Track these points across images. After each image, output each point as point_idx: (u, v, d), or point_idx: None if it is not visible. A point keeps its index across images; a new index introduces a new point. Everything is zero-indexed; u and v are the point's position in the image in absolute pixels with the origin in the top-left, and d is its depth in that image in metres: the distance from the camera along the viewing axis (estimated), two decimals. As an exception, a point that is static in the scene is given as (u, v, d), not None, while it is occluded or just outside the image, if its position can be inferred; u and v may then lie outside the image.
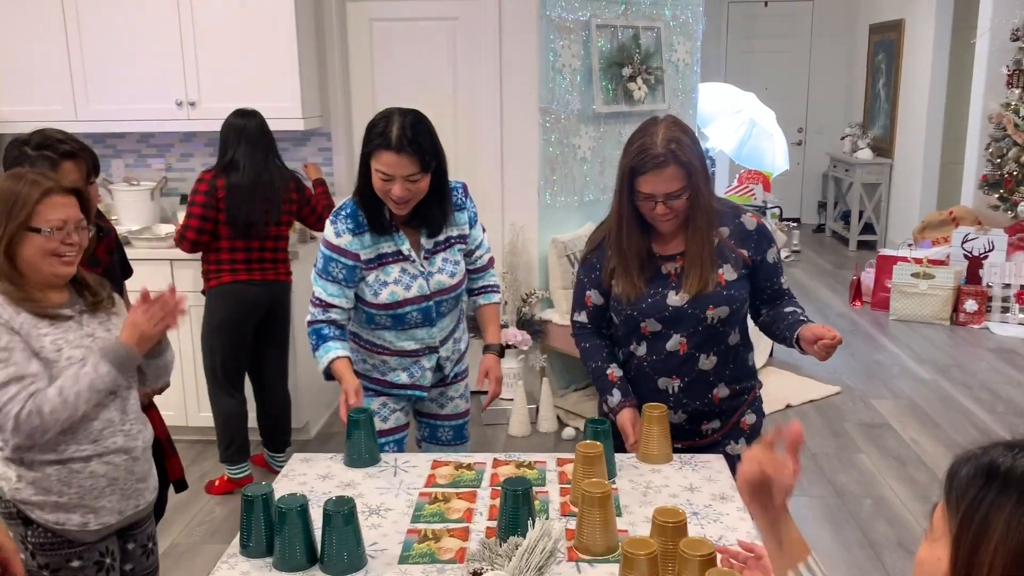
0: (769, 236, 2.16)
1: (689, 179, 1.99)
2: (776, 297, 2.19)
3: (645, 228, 2.10)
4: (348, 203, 2.27)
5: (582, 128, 4.56)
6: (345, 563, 1.60)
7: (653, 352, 2.13)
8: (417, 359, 2.36)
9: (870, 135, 8.78)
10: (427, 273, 2.29)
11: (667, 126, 2.01)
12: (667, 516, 1.54)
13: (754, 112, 5.63)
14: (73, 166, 2.22)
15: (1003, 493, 0.79)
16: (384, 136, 2.12)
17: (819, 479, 3.74)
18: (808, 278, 7.55)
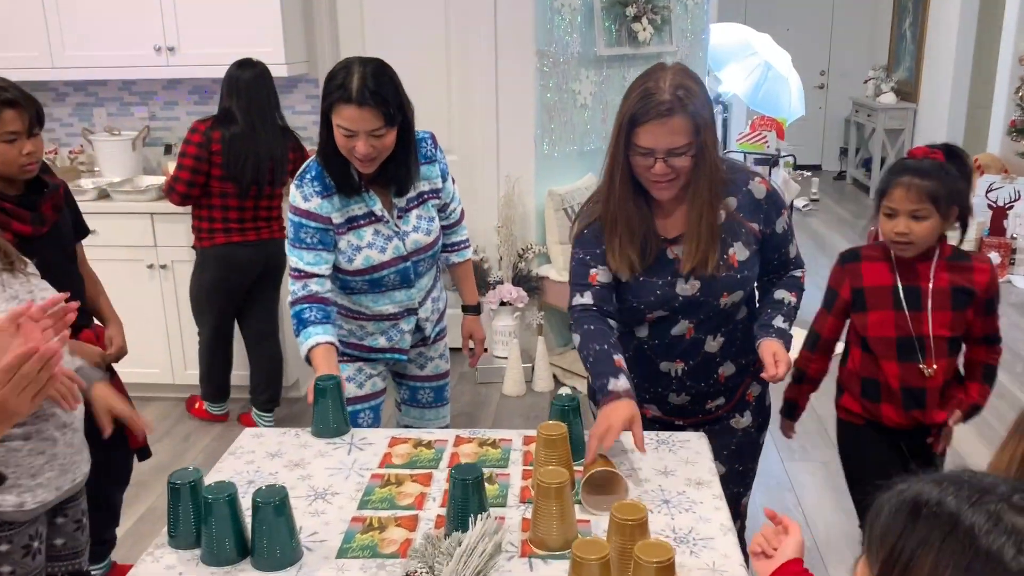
0: (779, 203, 1.94)
1: (696, 134, 1.74)
2: (780, 267, 1.99)
3: (640, 197, 1.84)
4: (312, 164, 2.11)
5: (582, 72, 4.32)
6: (277, 557, 1.47)
7: (656, 336, 1.94)
8: (396, 322, 2.24)
9: (894, 78, 8.42)
10: (402, 233, 2.14)
11: (675, 72, 1.76)
12: (626, 513, 1.38)
13: (769, 54, 5.34)
14: (15, 115, 2.08)
15: (930, 530, 0.68)
16: (344, 88, 1.94)
17: (823, 442, 3.59)
18: (825, 228, 7.30)
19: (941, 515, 0.69)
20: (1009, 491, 0.69)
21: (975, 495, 0.69)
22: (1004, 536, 0.66)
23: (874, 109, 8.24)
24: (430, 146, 2.21)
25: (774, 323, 1.92)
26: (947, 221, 2.00)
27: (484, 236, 4.35)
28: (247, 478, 1.76)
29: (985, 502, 0.68)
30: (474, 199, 4.36)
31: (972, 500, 0.69)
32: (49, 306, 1.45)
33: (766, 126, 5.03)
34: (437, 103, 4.24)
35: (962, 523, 0.68)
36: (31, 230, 2.13)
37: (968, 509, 0.68)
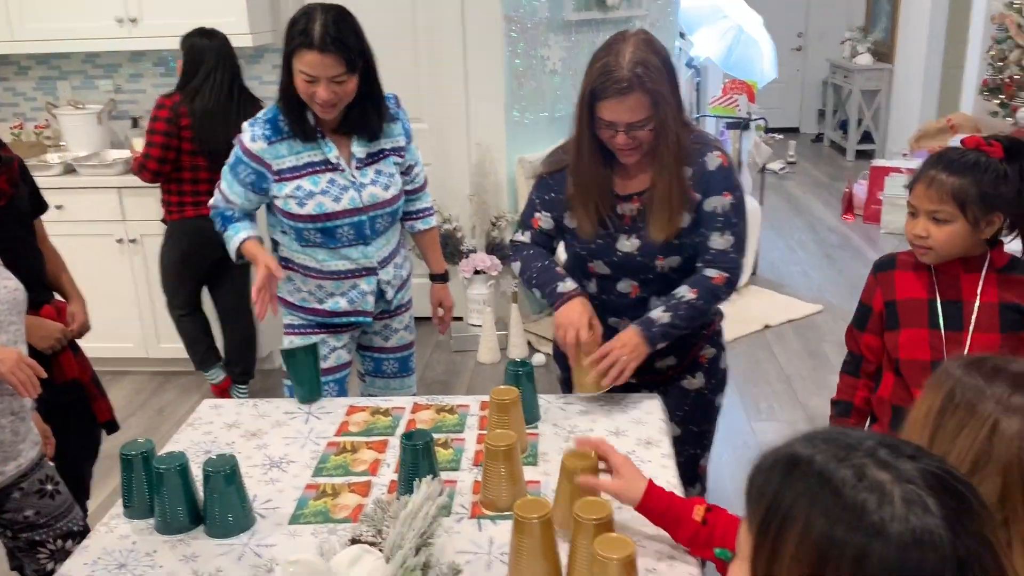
0: (726, 182, 1.87)
1: (655, 108, 1.77)
2: (699, 252, 1.89)
3: (607, 158, 1.89)
4: (271, 108, 2.13)
5: (551, 37, 4.30)
6: (230, 524, 1.49)
7: (604, 291, 1.99)
8: (355, 282, 2.23)
9: (870, 39, 8.39)
10: (358, 184, 2.14)
11: (636, 45, 1.77)
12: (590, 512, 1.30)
13: (741, 17, 5.32)
14: None
15: (804, 486, 0.71)
16: (306, 34, 1.95)
17: (791, 402, 3.64)
18: (801, 191, 7.33)
19: (812, 471, 0.71)
20: (874, 446, 0.72)
21: (843, 452, 0.72)
22: (867, 490, 0.69)
23: (850, 71, 8.23)
24: (393, 105, 2.22)
25: (651, 312, 1.87)
26: (979, 229, 1.68)
27: (457, 205, 4.35)
28: (204, 448, 1.78)
29: (851, 458, 0.71)
30: (445, 168, 4.36)
31: (840, 456, 0.72)
32: None
33: (737, 89, 5.03)
34: (405, 71, 4.21)
35: (831, 478, 0.70)
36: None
37: (836, 465, 0.71)
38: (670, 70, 1.82)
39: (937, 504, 0.68)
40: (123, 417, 3.49)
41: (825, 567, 0.68)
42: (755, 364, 3.99)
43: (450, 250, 4.25)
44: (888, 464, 0.71)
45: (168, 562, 1.43)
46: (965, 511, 0.69)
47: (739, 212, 1.89)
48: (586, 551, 1.27)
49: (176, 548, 1.47)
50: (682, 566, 1.37)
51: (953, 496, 0.69)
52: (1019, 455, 0.95)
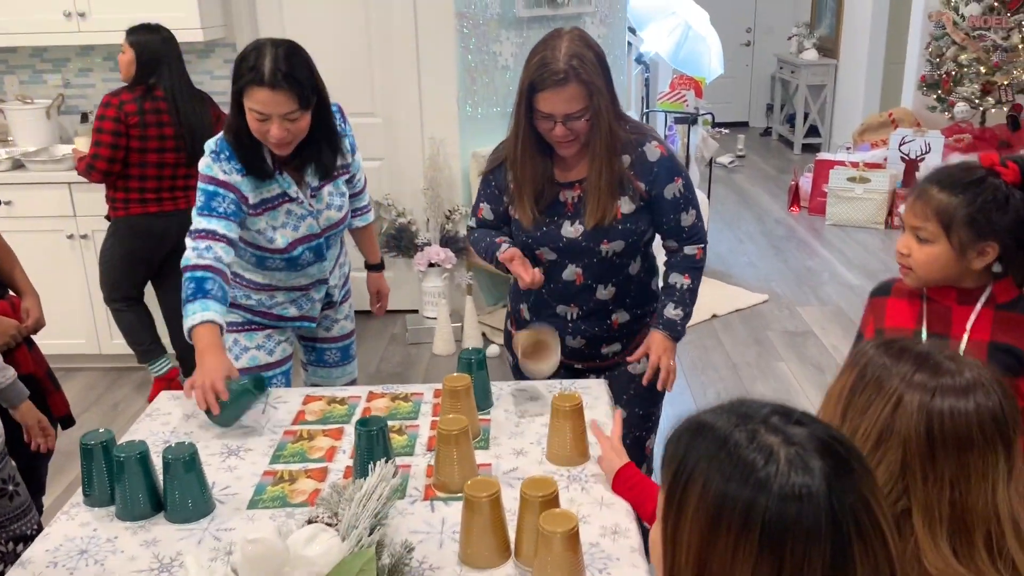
0: (673, 169, 2.01)
1: (591, 99, 1.87)
2: (673, 234, 2.06)
3: (545, 151, 1.98)
4: (223, 144, 2.02)
5: (503, 33, 4.36)
6: (190, 509, 1.54)
7: (550, 280, 2.07)
8: (306, 292, 2.27)
9: (816, 35, 8.60)
10: (315, 212, 2.15)
11: (571, 40, 1.87)
12: (536, 489, 1.38)
13: (689, 14, 5.43)
14: None
15: (705, 447, 0.81)
16: (256, 71, 1.90)
17: (736, 388, 3.77)
18: (750, 184, 7.50)
19: (713, 435, 0.81)
20: (768, 413, 0.82)
21: (740, 418, 0.82)
22: (756, 451, 0.78)
23: (797, 66, 8.43)
24: (339, 120, 2.20)
25: (665, 312, 2.06)
26: (966, 257, 1.52)
27: (411, 199, 4.39)
28: (163, 439, 1.82)
29: (747, 423, 0.81)
30: (399, 162, 4.40)
31: (737, 422, 0.81)
32: None
33: (685, 85, 5.14)
34: (358, 66, 4.25)
35: (727, 441, 0.80)
36: None
37: (732, 429, 0.81)
38: (603, 64, 1.92)
39: (820, 464, 0.77)
40: (77, 413, 3.46)
41: (720, 519, 0.77)
42: (703, 352, 4.11)
43: (404, 244, 4.30)
44: (778, 429, 0.80)
45: (129, 547, 1.47)
46: (845, 472, 0.78)
47: (690, 188, 2.07)
48: (532, 527, 1.34)
49: (137, 534, 1.51)
50: (624, 540, 1.45)
51: (834, 458, 0.79)
52: (917, 428, 1.04)
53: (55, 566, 1.43)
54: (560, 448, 1.68)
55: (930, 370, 1.07)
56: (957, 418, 1.03)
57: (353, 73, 4.24)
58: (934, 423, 1.03)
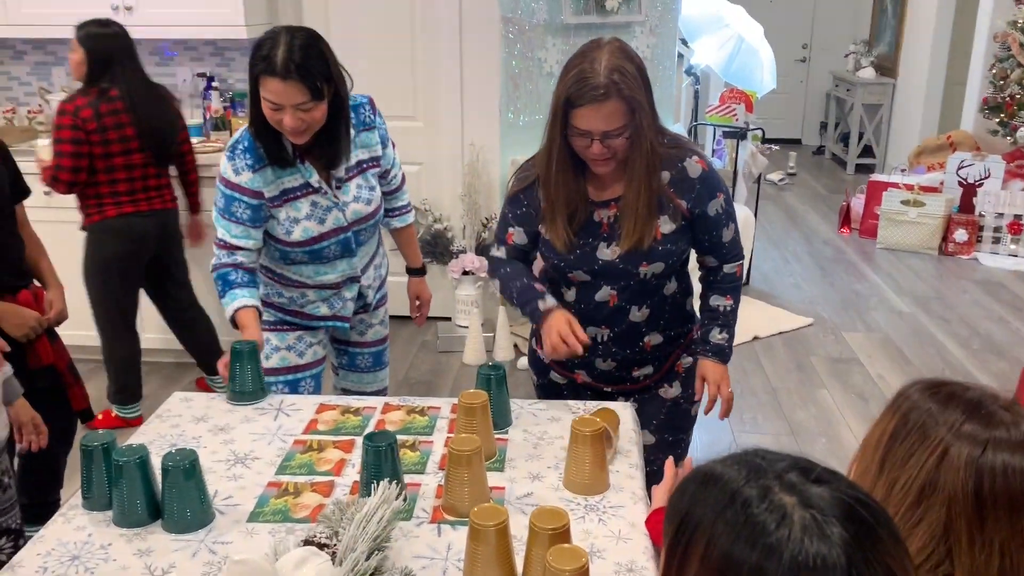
0: (715, 185, 1.91)
1: (631, 116, 1.75)
2: (711, 251, 1.97)
3: (579, 168, 1.87)
4: (244, 135, 2.04)
5: (548, 40, 4.28)
6: (187, 519, 1.47)
7: (582, 300, 1.96)
8: (338, 290, 2.22)
9: (875, 53, 8.39)
10: (341, 204, 2.10)
11: (611, 52, 1.75)
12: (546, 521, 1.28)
13: (742, 26, 5.30)
14: None
15: (713, 501, 0.73)
16: (268, 60, 1.87)
17: (775, 415, 3.62)
18: (799, 203, 7.32)
19: (723, 488, 0.73)
20: (785, 468, 0.73)
21: (754, 472, 0.73)
22: (768, 511, 0.69)
23: (853, 84, 8.22)
24: (368, 112, 2.15)
25: (710, 337, 1.98)
26: None
27: (448, 205, 4.33)
28: (170, 441, 1.76)
29: (761, 478, 0.72)
30: (438, 167, 4.35)
31: (750, 476, 0.73)
32: None
33: (735, 99, 5.01)
34: (402, 70, 4.21)
35: (738, 496, 0.71)
36: None
37: (745, 484, 0.72)
38: (645, 78, 1.80)
39: (840, 531, 0.68)
40: (101, 408, 3.48)
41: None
42: (742, 375, 3.97)
43: (439, 250, 4.24)
44: (794, 487, 0.71)
45: (122, 556, 1.41)
46: (869, 540, 0.69)
47: (730, 202, 1.97)
48: (540, 561, 1.25)
49: (132, 542, 1.45)
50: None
51: (857, 524, 0.69)
52: (964, 485, 0.93)
53: (44, 571, 1.38)
54: (578, 475, 1.59)
55: (982, 420, 0.96)
56: (1011, 476, 0.92)
57: (396, 76, 4.20)
58: (984, 480, 0.92)
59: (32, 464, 2.49)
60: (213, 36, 3.99)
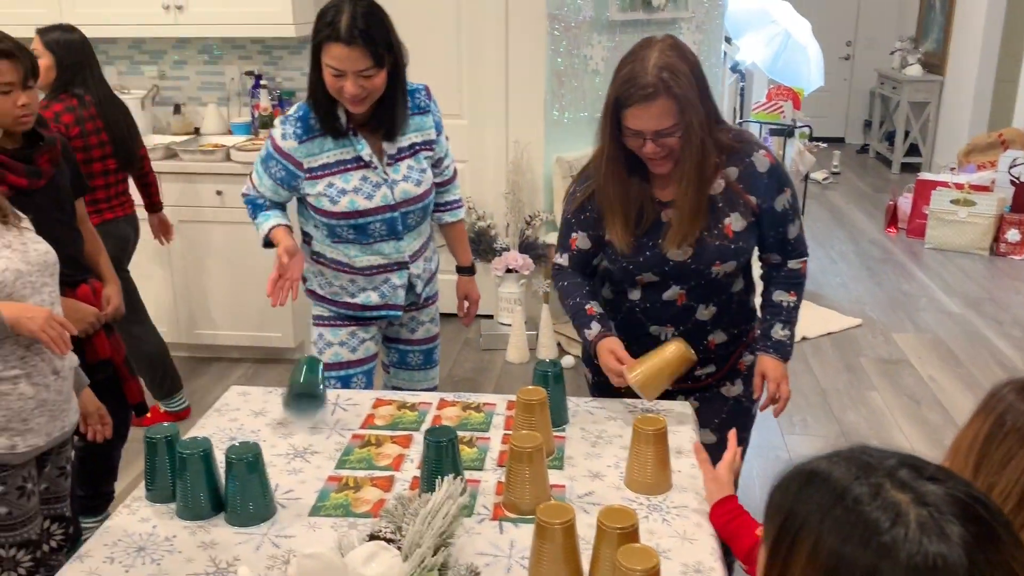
0: (782, 179, 1.88)
1: (682, 115, 1.72)
2: (777, 247, 1.93)
3: (635, 169, 1.84)
4: (301, 105, 2.10)
5: (594, 37, 4.25)
6: (250, 512, 1.48)
7: (648, 300, 1.93)
8: (387, 277, 2.21)
9: (921, 50, 8.23)
10: (391, 181, 2.12)
11: (662, 50, 1.72)
12: (615, 520, 1.27)
13: (788, 23, 5.23)
14: (10, 66, 2.05)
15: (820, 499, 0.70)
16: (333, 26, 1.91)
17: (825, 417, 3.56)
18: (844, 202, 7.20)
19: (829, 486, 0.70)
20: (896, 466, 0.70)
21: (862, 469, 0.70)
22: (881, 509, 0.67)
23: (899, 81, 8.07)
24: (424, 97, 2.18)
25: (772, 333, 1.95)
26: None
27: (491, 202, 4.33)
28: (229, 434, 1.77)
29: (870, 476, 0.69)
30: (482, 165, 4.34)
31: (858, 474, 0.70)
32: None
33: (782, 96, 4.94)
34: (447, 66, 4.21)
35: (847, 494, 0.69)
36: (27, 183, 2.12)
37: (854, 482, 0.69)
38: (699, 76, 1.77)
39: (958, 530, 0.65)
40: (153, 402, 3.52)
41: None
42: (791, 376, 3.87)
43: (483, 247, 4.23)
44: (907, 485, 0.68)
45: (186, 548, 1.42)
46: (989, 541, 0.65)
47: (796, 198, 1.95)
48: (608, 561, 1.23)
49: (196, 534, 1.46)
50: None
51: (977, 523, 0.66)
52: None
53: (112, 562, 1.39)
54: (640, 474, 1.56)
55: None
56: None
57: (442, 73, 4.20)
58: None
59: (88, 456, 2.52)
60: (262, 34, 4.02)
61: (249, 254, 3.73)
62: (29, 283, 1.75)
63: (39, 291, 1.78)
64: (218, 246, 3.89)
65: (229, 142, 4.00)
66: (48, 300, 1.81)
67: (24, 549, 1.81)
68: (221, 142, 4.03)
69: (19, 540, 1.80)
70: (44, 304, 1.78)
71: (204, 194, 3.83)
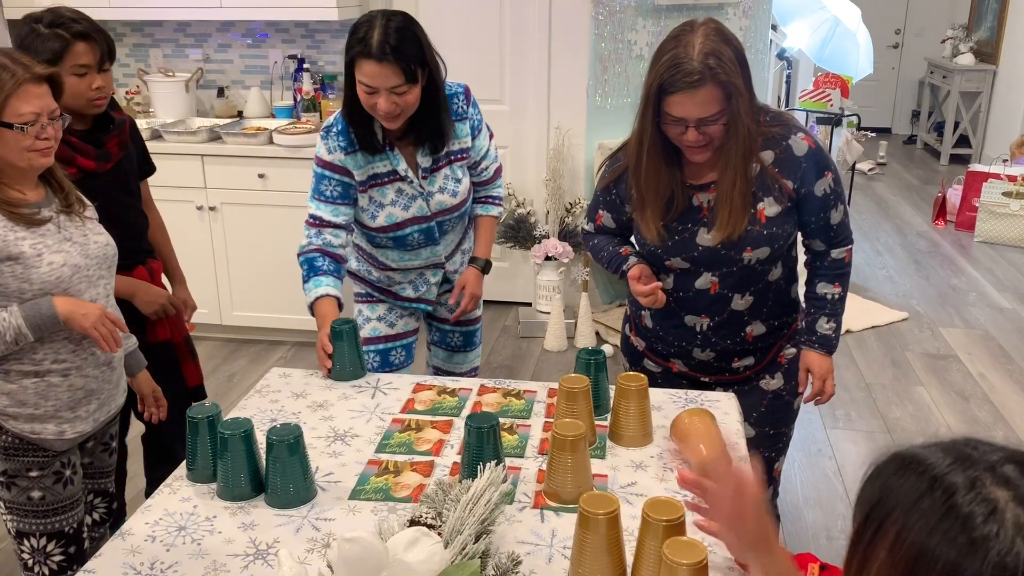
0: (822, 163, 1.82)
1: (728, 102, 1.68)
2: (819, 233, 1.87)
3: (672, 157, 1.79)
4: (338, 119, 2.07)
5: (639, 22, 4.19)
6: (290, 495, 1.47)
7: (680, 288, 1.89)
8: (423, 273, 2.25)
9: (974, 38, 8.01)
10: (427, 194, 2.10)
11: (706, 35, 1.67)
12: (661, 512, 1.23)
13: (838, 8, 5.11)
14: (87, 48, 2.01)
15: (912, 486, 0.66)
16: (364, 43, 1.89)
17: (870, 412, 3.49)
18: (891, 193, 7.05)
19: (925, 473, 0.66)
20: (1000, 460, 0.65)
21: (962, 460, 0.66)
22: (976, 503, 0.62)
23: (950, 71, 7.87)
24: (462, 102, 2.13)
25: (817, 327, 1.91)
26: None
27: (532, 189, 4.30)
28: (270, 416, 1.77)
29: (969, 467, 0.65)
30: (523, 151, 4.31)
31: (957, 464, 0.66)
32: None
33: (830, 84, 4.83)
34: (489, 51, 4.18)
35: (941, 483, 0.65)
36: (95, 166, 2.11)
37: (951, 472, 0.65)
38: (743, 61, 1.72)
39: None
40: (216, 385, 3.55)
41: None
42: (835, 369, 3.83)
43: (522, 235, 4.21)
44: (1010, 481, 0.63)
45: (227, 528, 1.42)
46: None
47: (839, 182, 1.89)
48: (654, 553, 1.21)
49: (236, 515, 1.46)
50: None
51: None
52: None
53: (153, 540, 1.39)
54: (622, 428, 1.58)
55: None
56: None
57: (484, 58, 4.17)
58: None
59: (148, 438, 2.53)
60: (305, 18, 4.02)
61: (289, 237, 3.74)
62: (86, 277, 1.75)
63: (95, 284, 1.78)
64: (259, 228, 3.91)
65: (271, 125, 4.02)
66: (103, 293, 1.81)
67: (56, 541, 1.81)
68: (264, 125, 4.05)
69: (52, 530, 1.80)
70: (99, 297, 1.79)
71: (246, 177, 3.85)
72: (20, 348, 1.68)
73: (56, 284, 1.68)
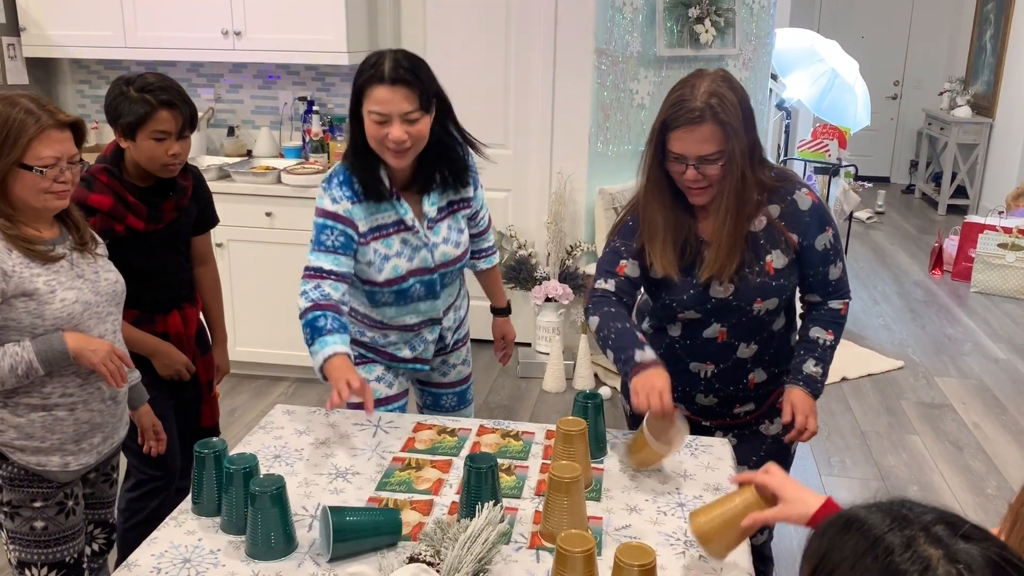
0: (824, 218, 1.88)
1: (726, 142, 1.74)
2: (818, 288, 1.93)
3: (680, 200, 1.85)
4: (339, 169, 2.02)
5: (641, 72, 4.30)
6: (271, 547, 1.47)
7: (688, 336, 1.94)
8: (419, 332, 2.18)
9: (971, 91, 8.16)
10: (431, 245, 2.06)
11: (713, 79, 1.76)
12: (632, 557, 1.27)
13: (836, 61, 5.23)
14: (169, 116, 2.05)
15: (854, 546, 0.72)
16: (376, 67, 1.87)
17: (864, 459, 3.52)
18: (888, 242, 7.13)
19: (866, 534, 0.71)
20: (933, 521, 0.71)
21: (898, 520, 0.72)
22: (911, 562, 0.68)
23: (947, 122, 8.00)
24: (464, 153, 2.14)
25: (804, 368, 1.92)
26: None
27: (534, 231, 4.37)
28: (273, 452, 1.81)
29: (904, 527, 0.71)
30: (525, 194, 4.39)
31: (894, 525, 0.71)
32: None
33: (828, 134, 4.93)
34: (494, 96, 4.28)
35: (880, 543, 0.70)
36: (144, 227, 2.14)
37: (888, 532, 0.71)
38: (747, 109, 1.78)
39: None
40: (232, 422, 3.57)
41: None
42: (830, 417, 3.87)
43: (523, 276, 4.27)
44: (940, 540, 0.69)
45: (230, 562, 1.46)
46: None
47: (838, 239, 1.94)
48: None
49: (239, 548, 1.49)
50: (743, 619, 1.33)
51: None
52: None
53: (158, 572, 1.43)
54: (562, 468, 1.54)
55: None
56: None
57: (489, 103, 4.27)
58: None
59: None
60: (315, 62, 4.12)
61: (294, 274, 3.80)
62: (96, 313, 1.80)
63: (104, 320, 1.83)
64: (264, 265, 3.97)
65: (280, 165, 4.10)
66: (111, 328, 1.86)
67: (57, 571, 1.84)
68: (272, 164, 4.13)
69: (54, 560, 1.83)
70: (107, 332, 1.84)
71: (253, 215, 3.92)
72: (30, 382, 1.73)
73: (67, 320, 1.73)
